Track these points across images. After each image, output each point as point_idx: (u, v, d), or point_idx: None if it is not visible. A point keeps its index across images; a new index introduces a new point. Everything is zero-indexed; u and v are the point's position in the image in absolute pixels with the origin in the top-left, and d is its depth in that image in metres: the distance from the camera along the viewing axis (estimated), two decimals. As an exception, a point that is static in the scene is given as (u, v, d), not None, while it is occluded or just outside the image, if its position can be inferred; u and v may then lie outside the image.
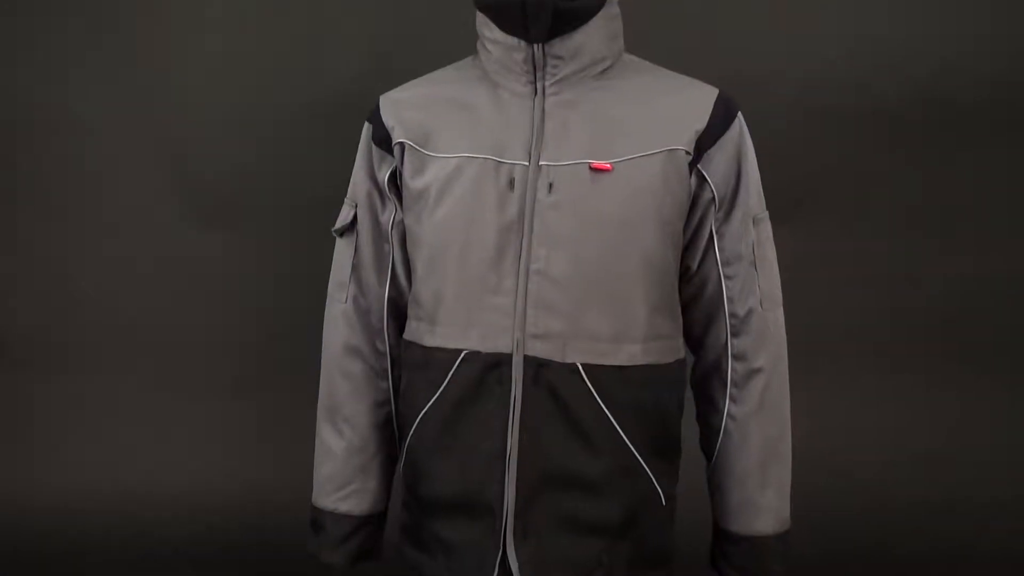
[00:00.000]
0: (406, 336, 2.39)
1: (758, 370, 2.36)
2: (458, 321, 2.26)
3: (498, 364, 2.23)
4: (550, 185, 2.20)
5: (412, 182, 2.31)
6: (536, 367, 2.22)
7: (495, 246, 2.21)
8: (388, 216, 2.40)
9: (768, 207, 2.42)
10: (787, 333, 2.44)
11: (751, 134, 2.38)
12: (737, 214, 2.33)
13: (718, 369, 2.39)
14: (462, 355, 2.25)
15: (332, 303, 2.47)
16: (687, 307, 2.41)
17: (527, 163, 2.21)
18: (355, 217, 2.42)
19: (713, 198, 2.30)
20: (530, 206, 2.19)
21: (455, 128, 2.28)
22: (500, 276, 2.21)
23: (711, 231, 2.33)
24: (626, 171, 2.20)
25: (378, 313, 2.44)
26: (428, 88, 2.37)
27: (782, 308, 2.41)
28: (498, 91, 2.29)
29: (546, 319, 2.22)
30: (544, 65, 2.26)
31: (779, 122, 3.66)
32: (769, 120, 3.50)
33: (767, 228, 2.37)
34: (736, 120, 2.32)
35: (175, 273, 3.84)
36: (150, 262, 3.84)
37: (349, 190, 2.45)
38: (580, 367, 2.22)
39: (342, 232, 2.44)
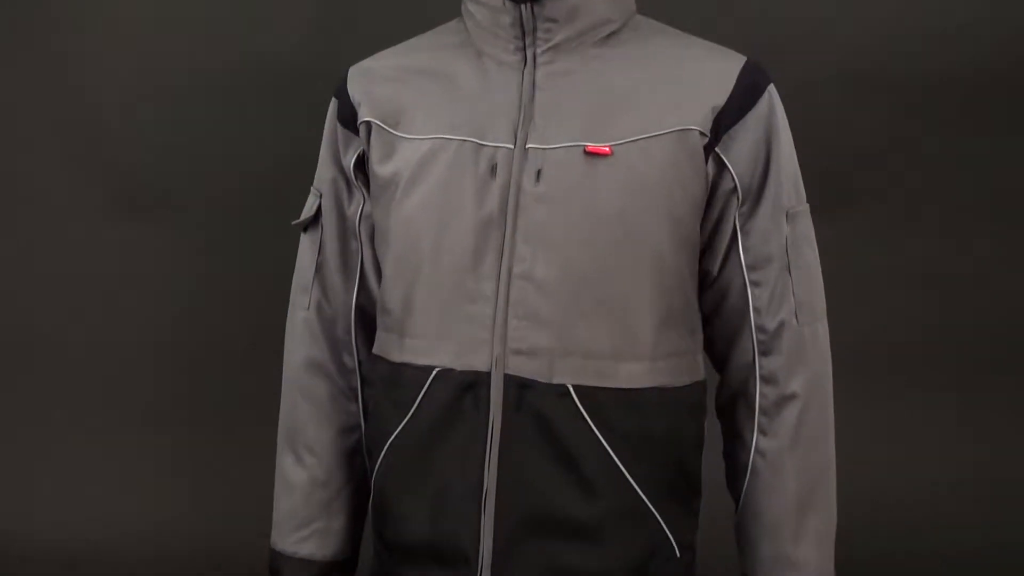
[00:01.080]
0: (375, 350, 2.09)
1: (791, 396, 2.00)
2: (429, 333, 1.96)
3: (474, 384, 1.92)
4: (538, 172, 1.90)
5: (380, 168, 2.02)
6: (518, 388, 1.91)
7: (473, 244, 1.92)
8: (355, 208, 2.12)
9: (808, 198, 2.06)
10: (832, 351, 2.08)
11: (787, 111, 2.04)
12: (765, 208, 1.99)
13: (745, 394, 2.05)
14: (433, 373, 1.95)
15: (293, 310, 2.18)
16: (708, 319, 2.08)
17: (512, 146, 1.93)
18: (319, 209, 2.13)
19: (735, 189, 1.97)
20: (514, 197, 1.91)
21: (431, 105, 2.00)
22: (478, 280, 1.92)
23: (734, 229, 2.00)
24: (628, 156, 1.90)
25: (345, 323, 2.14)
26: (404, 57, 2.08)
27: (825, 321, 2.05)
28: (482, 60, 2.00)
29: (531, 331, 1.91)
30: (535, 29, 1.96)
31: (822, 96, 3.26)
32: (808, 93, 3.13)
33: (806, 224, 2.03)
34: (765, 94, 1.99)
35: (89, 275, 3.32)
36: (58, 262, 3.32)
37: (316, 177, 2.16)
38: (571, 389, 1.91)
39: (305, 226, 2.15)
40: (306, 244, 2.16)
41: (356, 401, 2.16)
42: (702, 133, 1.94)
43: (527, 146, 1.93)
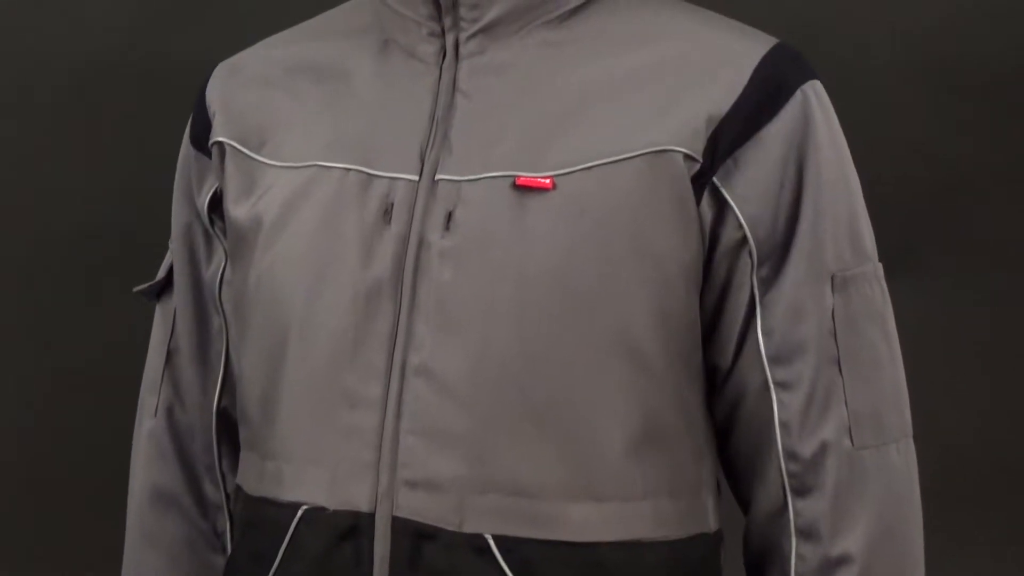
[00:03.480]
0: (237, 477, 1.59)
1: (842, 560, 1.42)
2: (295, 453, 1.45)
3: (353, 531, 1.41)
4: (448, 217, 1.41)
5: (235, 209, 1.52)
6: (414, 539, 1.39)
7: (353, 323, 1.42)
8: (215, 269, 1.60)
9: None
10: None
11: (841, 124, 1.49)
12: (796, 269, 1.44)
13: (775, 553, 1.47)
14: (299, 513, 1.43)
15: (140, 418, 1.67)
16: (724, 437, 1.51)
17: (415, 177, 1.44)
18: (171, 271, 1.65)
19: (745, 240, 1.43)
20: (414, 253, 1.42)
21: (310, 117, 1.51)
22: (359, 375, 1.42)
23: (750, 301, 1.45)
24: (577, 191, 1.41)
25: (205, 436, 1.64)
26: (288, 48, 1.59)
27: (908, 443, 1.47)
28: (388, 51, 1.51)
29: (431, 454, 1.40)
30: (456, 6, 1.45)
31: (892, 105, 2.70)
32: (868, 99, 2.59)
33: (871, 294, 1.47)
34: (797, 97, 1.44)
35: None
36: None
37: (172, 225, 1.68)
38: (491, 541, 1.38)
39: (155, 294, 1.66)
40: (158, 321, 1.66)
41: (221, 549, 1.64)
42: (689, 156, 1.39)
43: (437, 177, 1.42)
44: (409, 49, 1.46)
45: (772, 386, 1.41)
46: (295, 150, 1.47)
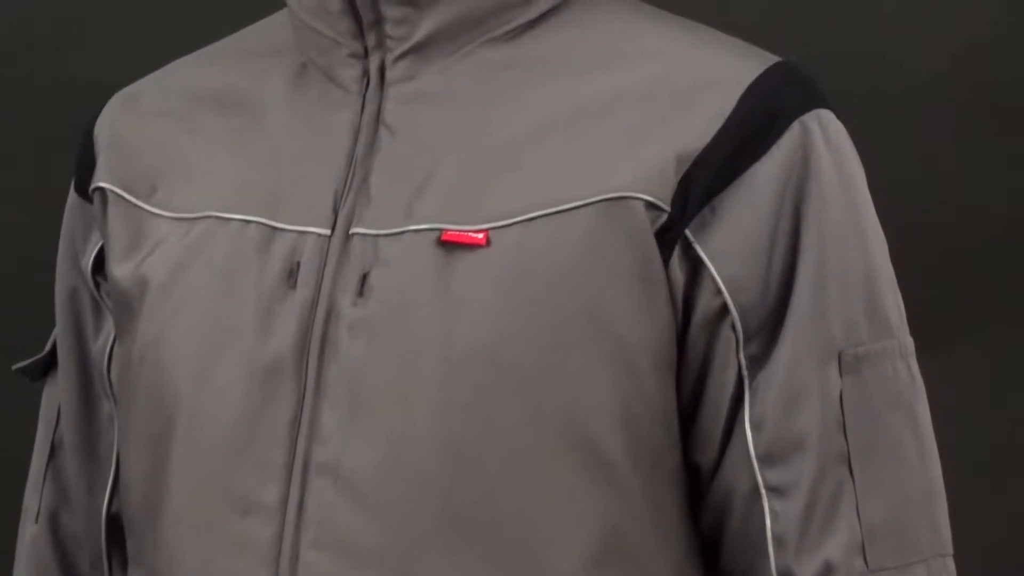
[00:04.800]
0: None
1: None
2: (183, 570, 1.27)
3: None
4: (362, 280, 1.23)
5: (118, 268, 1.34)
6: None
7: (247, 410, 1.24)
8: (103, 344, 1.42)
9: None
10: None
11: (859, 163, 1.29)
12: (793, 345, 1.24)
13: None
14: None
15: (23, 523, 1.51)
16: (714, 552, 1.30)
17: (327, 231, 1.26)
18: (55, 346, 1.47)
19: (726, 310, 1.24)
20: (322, 325, 1.24)
21: (209, 158, 1.34)
22: (254, 476, 1.24)
23: (736, 385, 1.24)
24: (516, 247, 1.23)
25: (94, 547, 1.46)
26: (193, 73, 1.43)
27: (941, 563, 1.25)
28: (305, 76, 1.34)
29: (338, 573, 1.22)
30: (379, 20, 1.27)
31: (922, 140, 2.49)
32: (895, 131, 2.36)
33: (896, 374, 1.26)
34: (794, 130, 1.24)
35: None
36: None
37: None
38: None
39: (40, 372, 1.48)
40: (44, 406, 1.48)
41: None
42: (653, 205, 1.20)
43: (352, 231, 1.23)
44: (328, 73, 1.27)
45: (763, 492, 1.19)
46: (190, 198, 1.28)
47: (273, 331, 1.20)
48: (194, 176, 1.29)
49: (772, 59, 1.22)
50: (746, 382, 1.19)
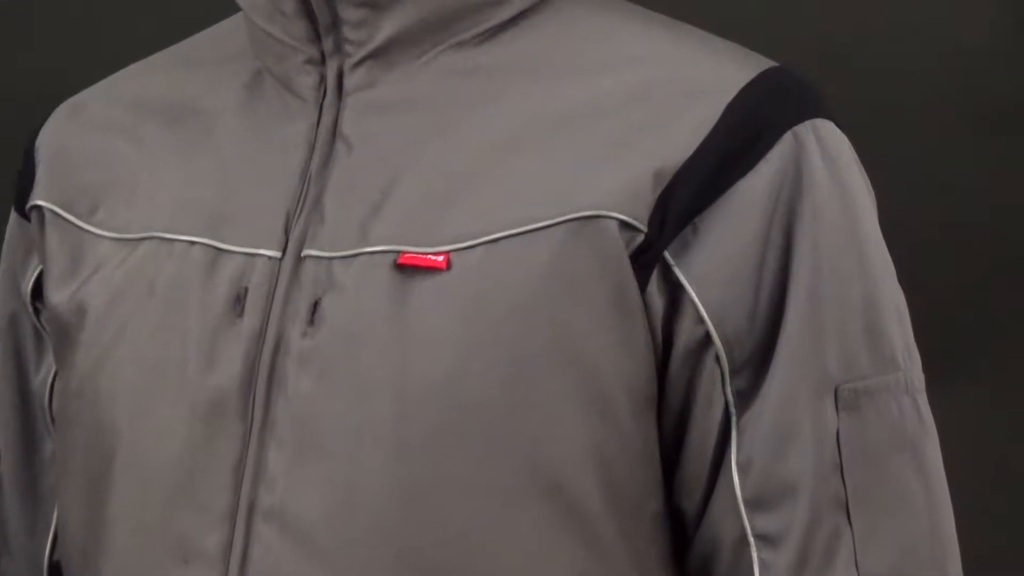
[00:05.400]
0: None
1: None
2: None
3: None
4: (313, 307, 1.14)
5: (55, 294, 1.26)
6: None
7: (189, 450, 1.16)
8: (45, 376, 1.34)
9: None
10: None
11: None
12: (784, 378, 1.14)
13: None
14: None
15: None
16: None
17: (278, 254, 1.16)
18: None
19: (710, 341, 1.14)
20: (269, 357, 1.15)
21: (157, 172, 1.25)
22: (196, 521, 1.16)
23: (722, 422, 1.14)
24: (479, 272, 1.14)
25: None
26: (141, 81, 1.34)
27: None
28: (260, 84, 1.25)
29: None
30: (336, 22, 1.18)
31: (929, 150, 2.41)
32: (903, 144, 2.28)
33: (901, 412, 1.16)
34: (784, 143, 1.14)
35: None
36: None
37: None
38: None
39: None
40: None
41: None
42: (628, 224, 1.10)
43: (304, 253, 1.14)
44: (284, 81, 1.17)
45: (752, 540, 1.09)
46: (133, 217, 1.19)
47: (217, 364, 1.11)
48: (138, 193, 1.20)
49: (765, 64, 1.13)
50: (733, 420, 1.09)
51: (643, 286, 1.07)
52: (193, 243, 1.14)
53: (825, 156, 1.11)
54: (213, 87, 1.23)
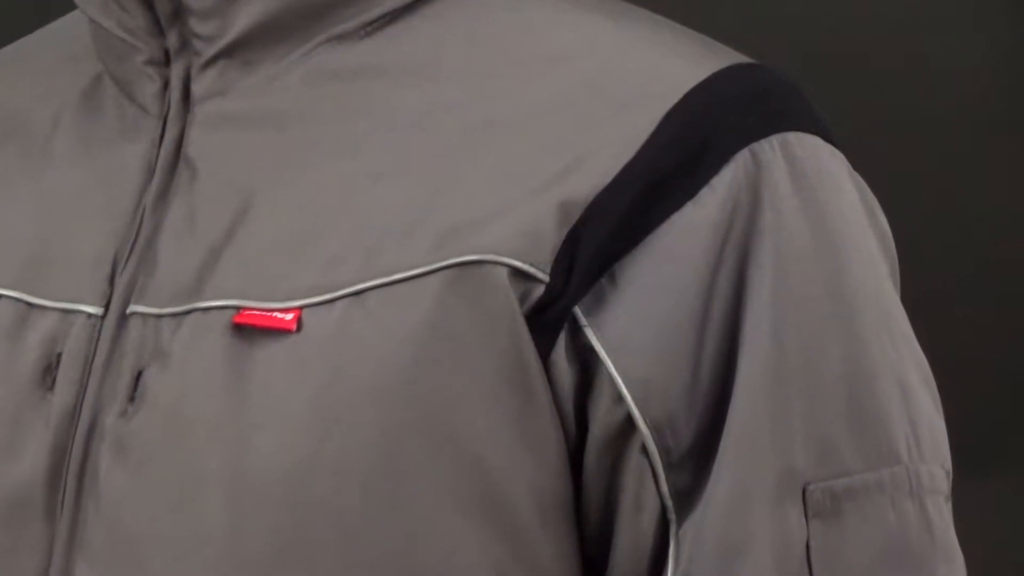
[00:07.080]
0: None
1: None
2: None
3: None
4: (136, 380, 0.91)
5: None
6: None
7: None
8: None
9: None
10: None
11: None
12: (732, 475, 0.88)
13: None
14: None
15: None
16: None
17: (100, 310, 0.95)
18: None
19: (633, 427, 0.87)
20: (82, 442, 0.93)
21: None
22: None
23: (657, 531, 0.88)
24: (335, 334, 0.89)
25: None
26: None
27: None
28: (99, 91, 1.03)
29: None
30: (182, 13, 0.95)
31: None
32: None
33: (901, 519, 0.89)
34: (735, 165, 0.88)
35: None
36: None
37: None
38: None
39: None
40: None
41: None
42: (522, 272, 0.87)
43: (130, 309, 0.92)
44: (125, 87, 0.96)
45: None
46: None
47: (23, 451, 0.90)
48: None
49: (728, 61, 0.89)
50: (672, 528, 0.85)
51: (545, 353, 0.85)
52: (1, 298, 0.93)
53: (797, 181, 0.86)
54: (46, 96, 1.02)
